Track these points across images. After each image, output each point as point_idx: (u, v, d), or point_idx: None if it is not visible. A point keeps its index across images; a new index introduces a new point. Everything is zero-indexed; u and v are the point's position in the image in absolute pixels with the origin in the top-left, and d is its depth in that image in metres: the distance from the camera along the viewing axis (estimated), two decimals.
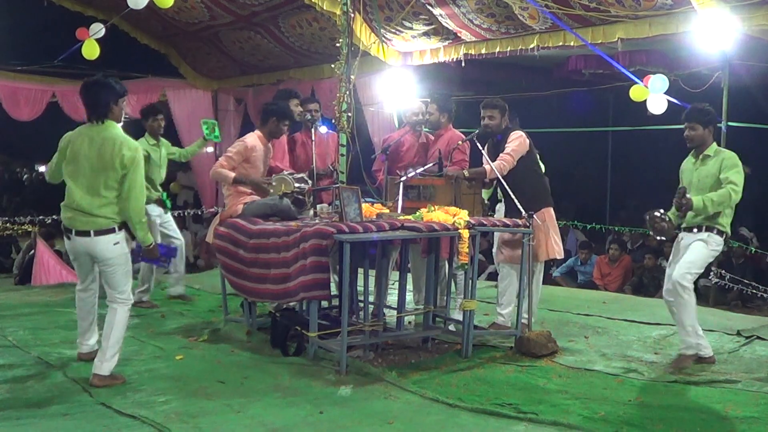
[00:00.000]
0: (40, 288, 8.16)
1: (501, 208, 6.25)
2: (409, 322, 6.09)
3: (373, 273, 5.58)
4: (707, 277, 7.86)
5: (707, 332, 5.30)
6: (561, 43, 7.25)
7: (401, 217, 5.35)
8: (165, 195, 7.11)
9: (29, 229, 10.17)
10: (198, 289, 7.87)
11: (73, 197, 4.46)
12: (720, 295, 8.33)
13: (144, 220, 4.60)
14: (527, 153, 5.83)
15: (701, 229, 5.10)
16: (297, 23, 9.43)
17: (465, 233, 5.08)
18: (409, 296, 6.35)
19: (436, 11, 7.77)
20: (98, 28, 8.09)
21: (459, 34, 8.01)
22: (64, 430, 3.82)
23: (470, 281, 5.32)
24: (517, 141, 5.76)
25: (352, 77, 6.56)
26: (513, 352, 5.35)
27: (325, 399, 4.32)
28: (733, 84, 7.80)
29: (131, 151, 4.44)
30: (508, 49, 7.72)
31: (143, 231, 4.59)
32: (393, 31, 8.42)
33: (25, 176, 21.09)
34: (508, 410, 4.13)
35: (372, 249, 5.42)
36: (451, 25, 7.91)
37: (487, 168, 5.71)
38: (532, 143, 5.93)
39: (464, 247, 5.08)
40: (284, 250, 5.02)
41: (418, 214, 5.28)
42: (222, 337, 5.73)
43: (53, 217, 9.67)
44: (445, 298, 5.93)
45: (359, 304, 5.54)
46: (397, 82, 8.76)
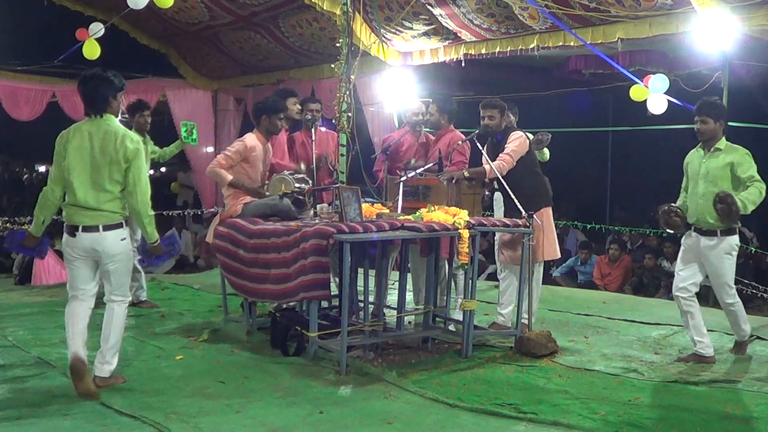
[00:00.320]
0: (40, 288, 8.16)
1: (497, 201, 6.23)
2: (409, 322, 6.09)
3: (373, 273, 5.58)
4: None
5: (707, 332, 5.30)
6: (561, 43, 7.25)
7: (401, 217, 5.35)
8: None
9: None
10: (198, 289, 7.87)
11: (77, 194, 4.34)
12: None
13: (151, 213, 4.45)
14: (527, 153, 5.83)
15: (720, 233, 5.11)
16: (297, 23, 9.43)
17: (465, 233, 5.08)
18: (409, 296, 6.34)
19: (436, 11, 7.77)
20: (98, 28, 8.09)
21: (459, 34, 8.01)
22: (64, 430, 3.82)
23: (470, 281, 5.32)
24: (517, 141, 5.76)
25: (352, 77, 6.56)
26: (513, 352, 5.35)
27: (325, 399, 4.32)
28: (733, 84, 7.79)
29: (134, 144, 4.35)
30: (508, 49, 7.72)
31: (152, 226, 4.46)
32: (393, 31, 8.42)
33: (25, 176, 21.09)
34: (508, 410, 4.13)
35: (372, 249, 5.42)
36: (451, 25, 7.91)
37: (486, 168, 5.72)
38: (531, 143, 5.94)
39: (464, 247, 5.08)
40: (284, 250, 5.02)
41: (418, 214, 5.28)
42: (222, 337, 5.72)
43: (53, 217, 9.64)
44: (445, 298, 5.93)
45: (359, 304, 5.54)
46: (397, 82, 8.76)
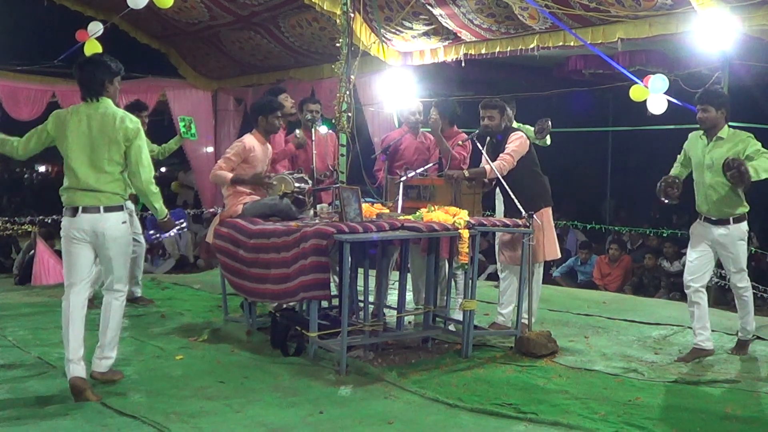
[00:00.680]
0: (40, 288, 8.13)
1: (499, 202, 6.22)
2: (409, 322, 6.09)
3: (373, 273, 5.58)
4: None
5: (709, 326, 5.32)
6: (561, 43, 7.25)
7: (401, 217, 5.35)
8: None
9: (29, 229, 10.13)
10: (198, 289, 7.86)
11: (77, 176, 4.32)
12: (720, 295, 8.30)
13: (156, 190, 4.49)
14: (527, 153, 5.83)
15: (730, 221, 5.18)
16: (297, 23, 9.43)
17: (465, 233, 5.08)
18: (409, 296, 6.34)
19: (436, 11, 7.77)
20: (97, 27, 8.08)
21: (459, 34, 8.01)
22: (64, 430, 3.82)
23: (470, 281, 5.32)
24: (517, 141, 5.76)
25: (352, 77, 6.56)
26: (513, 352, 5.35)
27: (325, 399, 4.32)
28: (733, 84, 7.78)
29: (134, 123, 4.39)
30: (508, 49, 7.73)
31: (159, 202, 4.51)
32: (393, 31, 8.42)
33: (25, 176, 21.10)
34: (508, 410, 4.13)
35: (372, 249, 5.42)
36: (451, 25, 7.91)
37: (487, 168, 5.71)
38: (532, 143, 5.93)
39: (464, 247, 5.08)
40: (284, 250, 5.02)
41: (418, 214, 5.28)
42: (222, 337, 5.72)
43: (53, 217, 9.66)
44: (445, 298, 5.93)
45: (359, 304, 5.54)
46: (397, 82, 8.76)
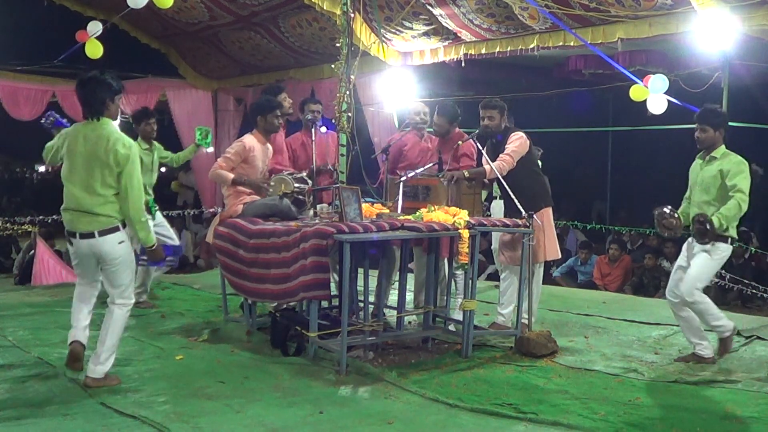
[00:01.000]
0: (40, 288, 8.14)
1: (496, 206, 6.22)
2: (409, 322, 6.09)
3: (373, 273, 5.58)
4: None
5: (707, 332, 5.30)
6: (561, 43, 7.26)
7: (401, 217, 5.35)
8: (152, 200, 6.80)
9: (29, 229, 10.14)
10: (198, 289, 7.86)
11: (72, 197, 4.34)
12: (720, 295, 8.31)
13: (144, 219, 4.43)
14: (527, 153, 5.83)
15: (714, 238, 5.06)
16: (297, 23, 9.43)
17: (465, 233, 5.08)
18: (409, 296, 6.34)
19: (436, 11, 7.77)
20: (97, 27, 8.08)
21: (459, 34, 8.01)
22: (64, 430, 3.82)
23: (470, 281, 5.32)
24: (517, 141, 5.75)
25: (352, 77, 6.55)
26: (513, 352, 5.35)
27: (325, 399, 4.32)
28: (733, 84, 7.80)
29: (125, 149, 4.32)
30: (508, 49, 7.73)
31: (144, 231, 4.43)
32: (393, 31, 8.42)
33: (26, 176, 21.10)
34: (508, 410, 4.13)
35: (372, 249, 5.42)
36: (451, 25, 7.91)
37: (487, 168, 5.71)
38: (532, 143, 5.93)
39: (464, 247, 5.08)
40: (284, 250, 5.02)
41: (418, 214, 5.28)
42: (222, 337, 5.72)
43: (53, 217, 9.66)
44: (445, 298, 5.93)
45: (359, 304, 5.54)
46: (397, 82, 8.77)
